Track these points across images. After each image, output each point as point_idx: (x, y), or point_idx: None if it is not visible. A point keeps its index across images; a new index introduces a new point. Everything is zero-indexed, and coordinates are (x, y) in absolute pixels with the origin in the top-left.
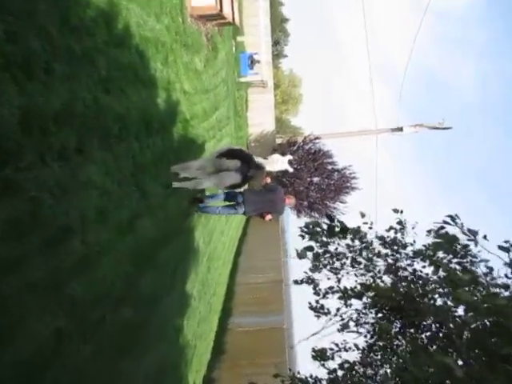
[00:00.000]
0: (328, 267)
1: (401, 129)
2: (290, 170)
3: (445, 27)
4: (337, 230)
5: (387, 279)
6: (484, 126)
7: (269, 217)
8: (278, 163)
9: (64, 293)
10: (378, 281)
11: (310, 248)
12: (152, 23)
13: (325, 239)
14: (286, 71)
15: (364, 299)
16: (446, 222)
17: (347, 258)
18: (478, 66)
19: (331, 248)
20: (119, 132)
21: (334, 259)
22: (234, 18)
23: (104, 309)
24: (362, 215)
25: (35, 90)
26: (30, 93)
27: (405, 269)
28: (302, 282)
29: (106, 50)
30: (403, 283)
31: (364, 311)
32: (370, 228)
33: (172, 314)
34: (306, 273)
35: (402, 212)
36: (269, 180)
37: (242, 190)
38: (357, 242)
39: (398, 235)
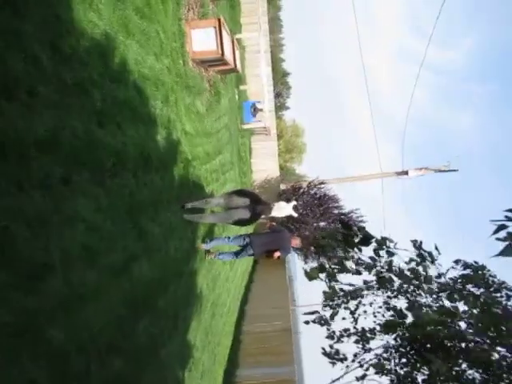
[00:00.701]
0: (343, 306)
1: (406, 172)
2: (295, 215)
3: (440, 80)
4: (357, 240)
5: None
6: (486, 168)
7: (277, 254)
8: (284, 210)
9: (41, 339)
10: (400, 320)
11: (322, 268)
12: (151, 62)
13: (341, 254)
14: (288, 122)
15: (391, 338)
16: (509, 219)
17: (363, 297)
18: (475, 115)
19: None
20: (113, 167)
21: (349, 297)
22: (236, 65)
23: (89, 358)
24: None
25: (14, 112)
26: (8, 114)
27: (429, 306)
28: (313, 321)
29: (101, 83)
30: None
31: (386, 356)
32: (382, 268)
33: (172, 366)
34: (317, 312)
35: (421, 243)
36: (274, 224)
37: (248, 232)
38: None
39: (420, 268)
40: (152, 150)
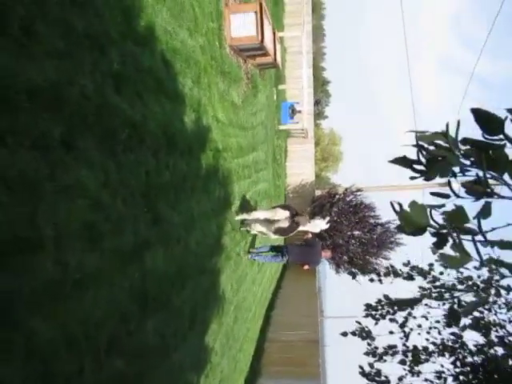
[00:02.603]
0: (388, 317)
1: (448, 183)
2: (326, 227)
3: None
4: None
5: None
6: None
7: (306, 266)
8: (318, 226)
9: (15, 331)
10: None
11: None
12: (183, 36)
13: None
14: (326, 130)
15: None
16: None
17: (413, 308)
18: None
19: None
20: (128, 140)
21: (396, 307)
22: (276, 58)
23: (84, 357)
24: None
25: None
26: None
27: (500, 325)
28: (353, 333)
29: (121, 43)
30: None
31: (439, 382)
32: (441, 273)
33: (185, 369)
34: (358, 323)
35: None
36: (310, 235)
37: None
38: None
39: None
40: (178, 130)
